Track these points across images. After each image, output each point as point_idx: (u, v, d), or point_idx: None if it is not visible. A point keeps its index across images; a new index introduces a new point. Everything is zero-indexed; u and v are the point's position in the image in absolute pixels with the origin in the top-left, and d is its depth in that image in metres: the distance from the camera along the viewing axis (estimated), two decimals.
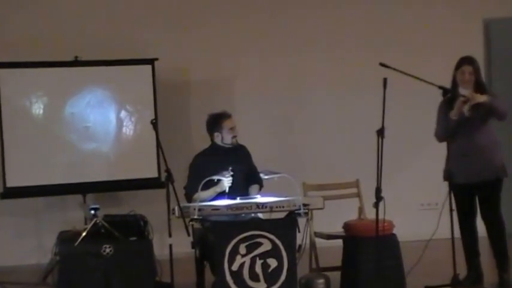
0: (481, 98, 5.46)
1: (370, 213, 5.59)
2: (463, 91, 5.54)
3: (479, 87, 5.63)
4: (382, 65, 5.27)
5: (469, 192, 5.70)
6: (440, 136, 5.68)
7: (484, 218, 5.70)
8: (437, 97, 5.61)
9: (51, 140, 6.84)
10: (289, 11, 7.68)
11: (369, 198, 5.31)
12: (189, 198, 5.61)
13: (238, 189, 5.58)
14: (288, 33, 7.66)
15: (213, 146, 5.81)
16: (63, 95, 6.86)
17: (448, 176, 5.61)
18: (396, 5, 7.83)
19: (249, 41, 7.62)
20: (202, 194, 5.40)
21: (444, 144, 5.61)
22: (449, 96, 5.59)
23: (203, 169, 5.61)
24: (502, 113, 5.51)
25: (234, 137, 5.78)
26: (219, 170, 5.50)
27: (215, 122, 5.78)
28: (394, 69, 5.27)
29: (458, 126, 5.54)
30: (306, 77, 7.69)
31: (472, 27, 7.92)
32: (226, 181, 5.51)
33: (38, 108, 6.84)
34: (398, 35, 7.76)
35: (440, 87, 5.49)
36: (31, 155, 6.76)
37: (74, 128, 6.86)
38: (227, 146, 5.76)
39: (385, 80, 5.08)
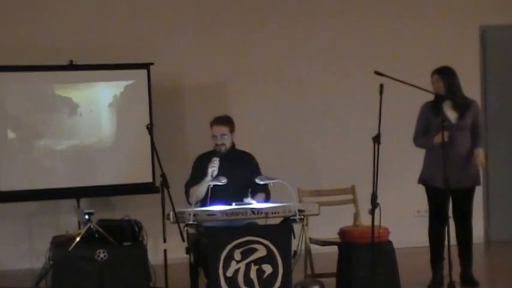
0: (483, 159, 5.86)
1: (365, 220, 5.57)
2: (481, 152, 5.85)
3: (450, 91, 5.87)
4: (377, 73, 5.26)
5: (445, 197, 5.80)
6: (417, 145, 6.04)
7: (457, 222, 5.94)
8: None
9: (45, 144, 6.80)
10: (283, 17, 7.66)
11: (365, 204, 5.29)
12: (187, 194, 5.64)
13: (236, 195, 5.49)
14: (283, 39, 7.64)
15: (215, 149, 5.77)
16: (58, 100, 6.82)
17: (423, 179, 5.93)
18: (392, 12, 7.81)
19: (244, 46, 7.60)
20: (196, 187, 5.44)
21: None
22: (433, 100, 5.86)
23: (200, 170, 5.62)
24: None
25: (217, 145, 5.67)
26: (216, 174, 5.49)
27: (210, 125, 5.77)
28: (389, 77, 5.26)
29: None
30: (301, 82, 7.67)
31: (468, 34, 7.92)
32: (211, 170, 5.48)
33: (32, 112, 6.80)
34: (395, 43, 7.75)
35: (436, 94, 5.67)
36: (25, 159, 6.73)
37: (67, 133, 6.83)
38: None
39: (381, 86, 5.07)
